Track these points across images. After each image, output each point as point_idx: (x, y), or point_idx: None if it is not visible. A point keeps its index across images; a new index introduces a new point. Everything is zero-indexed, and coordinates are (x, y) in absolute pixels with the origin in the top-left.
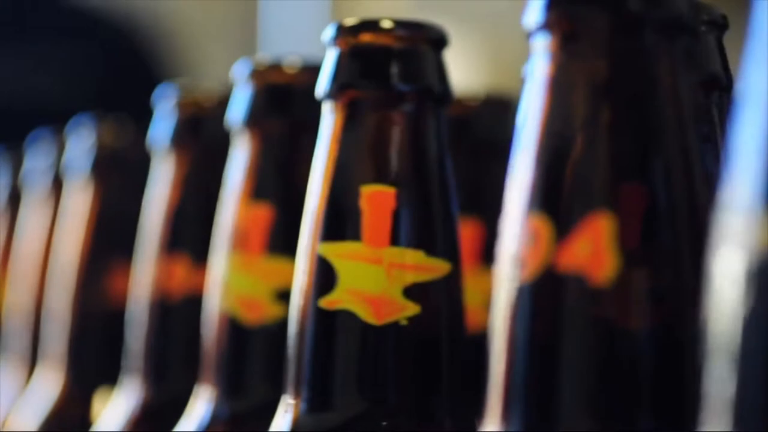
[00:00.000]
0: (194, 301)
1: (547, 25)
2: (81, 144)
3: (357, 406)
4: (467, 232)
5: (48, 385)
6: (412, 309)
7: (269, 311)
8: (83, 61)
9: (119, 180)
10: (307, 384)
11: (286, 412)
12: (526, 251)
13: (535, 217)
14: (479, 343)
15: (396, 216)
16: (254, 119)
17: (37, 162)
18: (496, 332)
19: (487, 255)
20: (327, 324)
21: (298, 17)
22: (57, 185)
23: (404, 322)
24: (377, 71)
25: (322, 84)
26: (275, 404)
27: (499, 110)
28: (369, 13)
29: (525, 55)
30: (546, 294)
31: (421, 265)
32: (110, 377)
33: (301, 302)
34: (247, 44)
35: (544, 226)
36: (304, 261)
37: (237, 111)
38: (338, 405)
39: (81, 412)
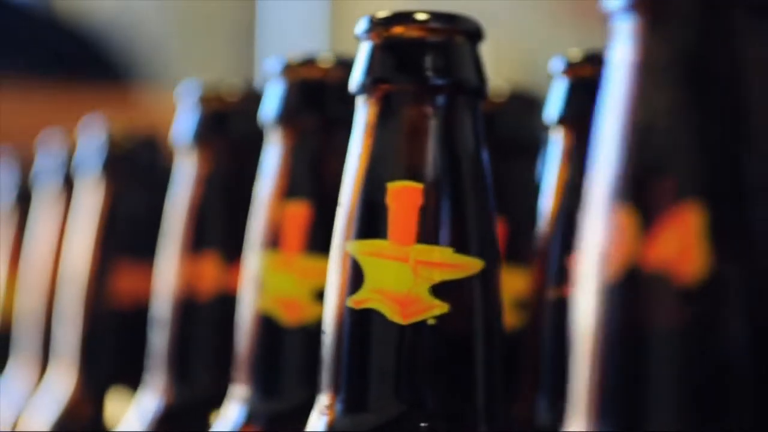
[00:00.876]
0: (221, 301)
1: (633, 7)
2: (92, 143)
3: (389, 408)
4: None
5: (60, 386)
6: (440, 308)
7: (307, 311)
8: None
9: (131, 178)
10: (339, 385)
11: (321, 413)
12: (611, 246)
13: (619, 209)
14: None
15: (423, 212)
16: (288, 115)
17: (47, 161)
18: (580, 331)
19: (511, 254)
20: (355, 324)
21: (297, 17)
22: (67, 184)
23: (432, 322)
24: (411, 64)
25: (355, 78)
26: (312, 405)
27: (524, 106)
28: (369, 13)
29: (523, 52)
30: (632, 292)
31: (449, 263)
32: (122, 377)
33: (333, 302)
34: (246, 44)
35: (629, 220)
36: (335, 259)
37: (270, 107)
38: (371, 406)
39: (93, 412)
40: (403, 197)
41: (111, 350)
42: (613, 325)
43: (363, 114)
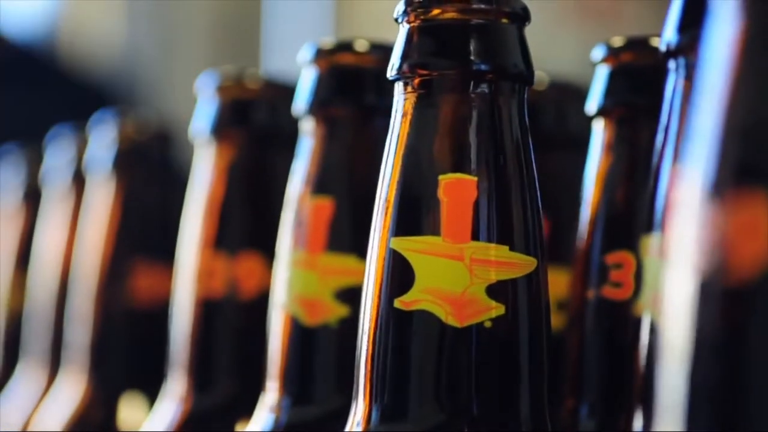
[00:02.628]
0: (247, 301)
1: None
2: (103, 139)
3: (434, 417)
4: None
5: (71, 389)
6: (496, 309)
7: (330, 311)
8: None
9: (143, 174)
10: (381, 392)
11: (355, 420)
12: (739, 244)
13: (749, 202)
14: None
15: (477, 208)
16: (319, 105)
17: (56, 159)
18: (690, 339)
19: (552, 251)
20: (403, 326)
21: (302, 16)
22: (77, 182)
23: (488, 324)
24: (452, 49)
25: (393, 64)
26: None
27: (565, 97)
28: (371, 13)
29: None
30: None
31: (506, 261)
32: (136, 381)
33: (374, 302)
34: (251, 45)
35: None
36: (376, 257)
37: (302, 97)
38: (413, 415)
39: (105, 417)
40: (458, 191)
41: (124, 353)
42: (752, 332)
43: (401, 102)
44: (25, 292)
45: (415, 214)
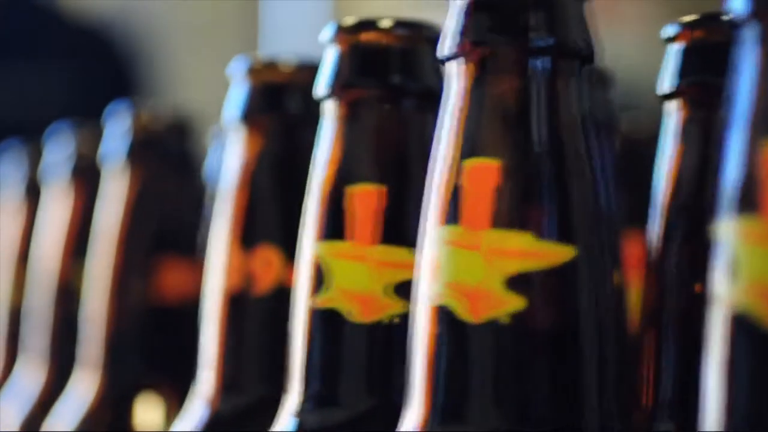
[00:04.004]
0: (277, 298)
1: None
2: (117, 132)
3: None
4: None
5: (84, 390)
6: (515, 304)
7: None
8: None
9: (159, 165)
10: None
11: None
12: None
13: None
14: None
15: (498, 193)
16: (343, 86)
17: (57, 153)
18: None
19: None
20: (427, 322)
21: (299, 16)
22: (76, 177)
23: (505, 320)
24: (509, 24)
25: (445, 44)
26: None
27: (597, 82)
28: (371, 11)
29: None
30: None
31: (529, 251)
32: (151, 381)
33: (417, 298)
34: (248, 42)
35: None
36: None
37: (324, 77)
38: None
39: (118, 419)
40: (477, 176)
41: (139, 353)
42: None
43: (456, 81)
44: (23, 288)
45: (444, 202)
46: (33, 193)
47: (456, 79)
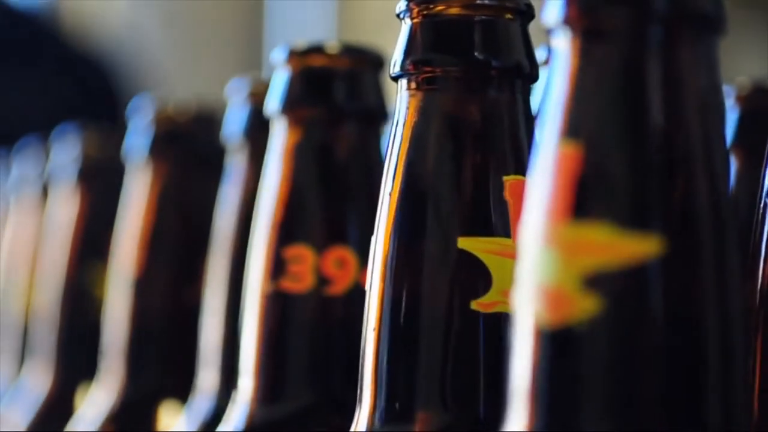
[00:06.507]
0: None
1: None
2: (140, 126)
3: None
4: None
5: (107, 392)
6: (584, 307)
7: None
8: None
9: (184, 160)
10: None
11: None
12: None
13: None
14: None
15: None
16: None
17: (65, 154)
18: None
19: None
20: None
21: (305, 13)
22: (93, 177)
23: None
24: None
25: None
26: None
27: None
28: (374, 12)
29: None
30: None
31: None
32: (173, 386)
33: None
34: (253, 44)
35: None
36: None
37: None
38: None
39: (140, 424)
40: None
41: (163, 356)
42: None
43: (565, 59)
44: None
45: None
46: (40, 196)
47: (565, 56)
